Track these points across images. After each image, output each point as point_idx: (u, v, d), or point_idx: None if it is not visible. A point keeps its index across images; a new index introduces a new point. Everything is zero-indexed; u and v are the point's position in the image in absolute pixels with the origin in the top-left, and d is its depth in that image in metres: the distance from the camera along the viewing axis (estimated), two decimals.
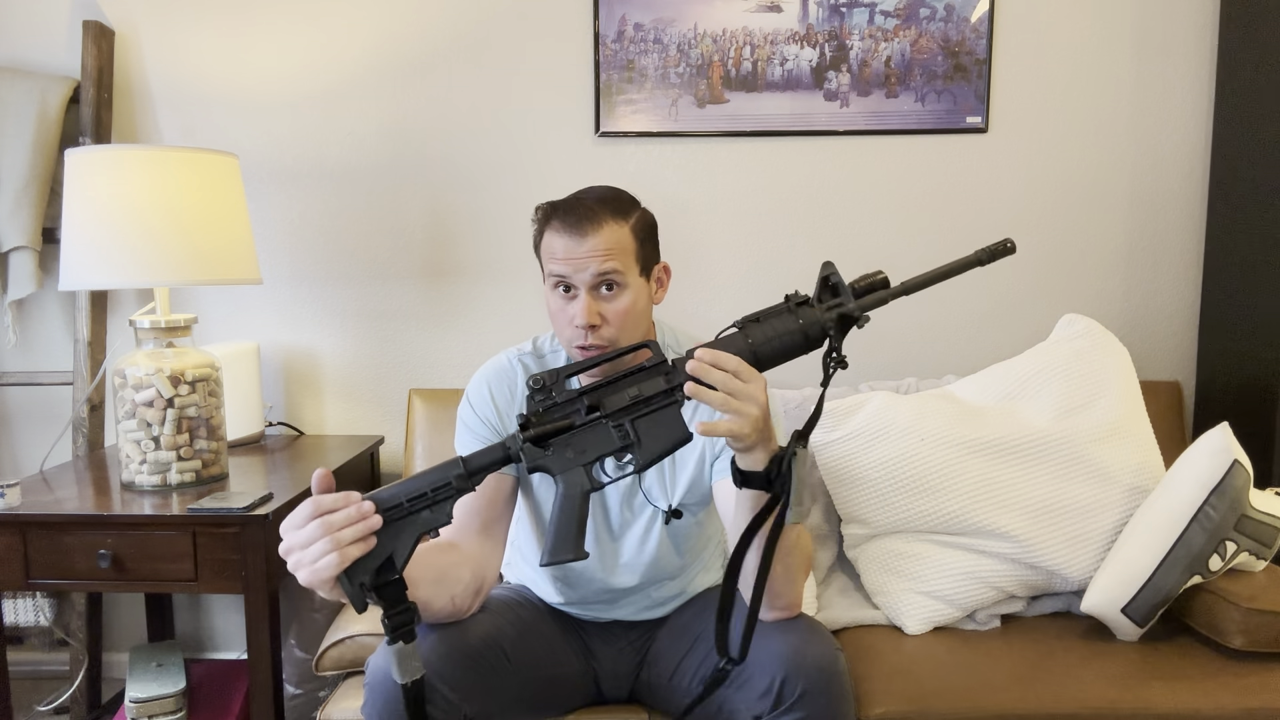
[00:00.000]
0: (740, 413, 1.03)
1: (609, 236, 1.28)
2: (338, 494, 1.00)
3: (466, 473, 1.06)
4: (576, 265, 1.27)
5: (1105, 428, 1.79)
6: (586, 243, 1.27)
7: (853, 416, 1.84)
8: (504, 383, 1.40)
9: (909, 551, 1.79)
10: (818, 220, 2.21)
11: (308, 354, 2.29)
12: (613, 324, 1.29)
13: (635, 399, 1.09)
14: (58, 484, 1.83)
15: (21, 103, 2.08)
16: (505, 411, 1.40)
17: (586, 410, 1.09)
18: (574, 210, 1.29)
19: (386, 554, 1.02)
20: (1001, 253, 1.07)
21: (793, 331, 1.08)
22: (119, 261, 1.69)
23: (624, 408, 1.09)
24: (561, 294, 1.30)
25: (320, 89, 2.21)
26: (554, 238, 1.29)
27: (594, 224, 1.27)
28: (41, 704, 2.22)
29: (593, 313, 1.27)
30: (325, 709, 1.53)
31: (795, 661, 1.23)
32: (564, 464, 1.08)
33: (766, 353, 1.08)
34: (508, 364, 1.42)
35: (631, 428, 1.08)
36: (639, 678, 1.47)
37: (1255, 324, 1.97)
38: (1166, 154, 2.18)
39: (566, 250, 1.27)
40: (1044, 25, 2.15)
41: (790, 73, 2.16)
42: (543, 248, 1.33)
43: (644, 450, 1.08)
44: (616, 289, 1.29)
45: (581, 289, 1.28)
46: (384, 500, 1.03)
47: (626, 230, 1.30)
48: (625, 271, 1.29)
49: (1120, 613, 1.66)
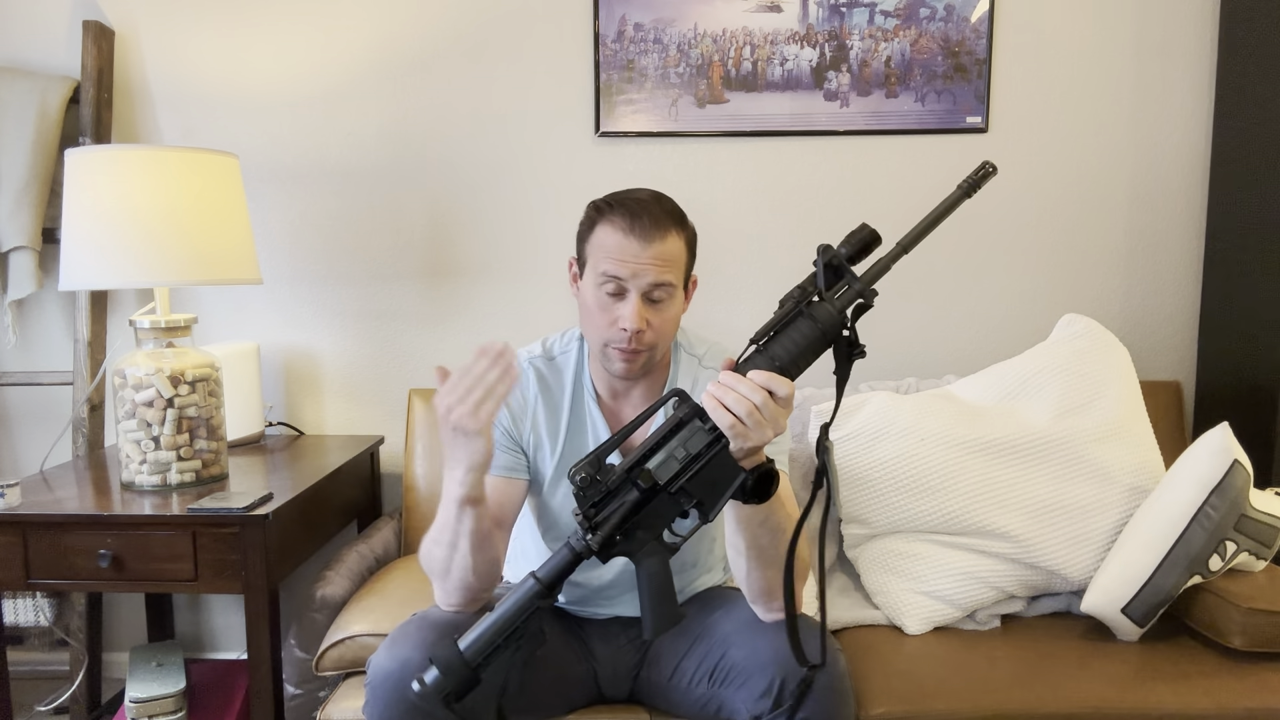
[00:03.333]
0: (746, 437, 1.06)
1: (671, 248, 1.29)
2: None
3: (544, 589, 1.07)
4: (636, 270, 1.27)
5: (1105, 428, 1.79)
6: (650, 249, 1.27)
7: (853, 416, 1.84)
8: (516, 387, 1.40)
9: (909, 551, 1.79)
10: (818, 220, 2.21)
11: (308, 354, 2.29)
12: (656, 331, 1.30)
13: (685, 459, 1.08)
14: (58, 484, 1.83)
15: (21, 103, 2.08)
16: (518, 414, 1.41)
17: (641, 489, 1.08)
18: (642, 214, 1.28)
19: (498, 690, 1.09)
20: (983, 178, 1.05)
21: (813, 338, 1.08)
22: (119, 261, 1.69)
23: (677, 473, 1.08)
24: (608, 293, 1.29)
25: (320, 89, 2.21)
26: (613, 235, 1.28)
27: (660, 233, 1.28)
28: (41, 704, 2.22)
29: (642, 318, 1.27)
30: (325, 709, 1.53)
31: (791, 662, 1.22)
32: (639, 544, 1.09)
33: (791, 364, 1.08)
34: (520, 368, 1.42)
35: (689, 487, 1.08)
36: (639, 677, 1.47)
37: (1255, 324, 1.97)
38: (1166, 154, 2.18)
39: (628, 252, 1.27)
40: (1044, 25, 2.15)
41: (790, 73, 2.16)
42: (594, 242, 1.31)
43: (708, 505, 1.09)
44: (665, 300, 1.30)
45: (634, 293, 1.27)
46: (481, 649, 1.04)
47: (682, 243, 1.32)
48: (676, 285, 1.31)
49: (1120, 613, 1.66)
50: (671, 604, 1.10)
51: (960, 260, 2.22)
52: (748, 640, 1.32)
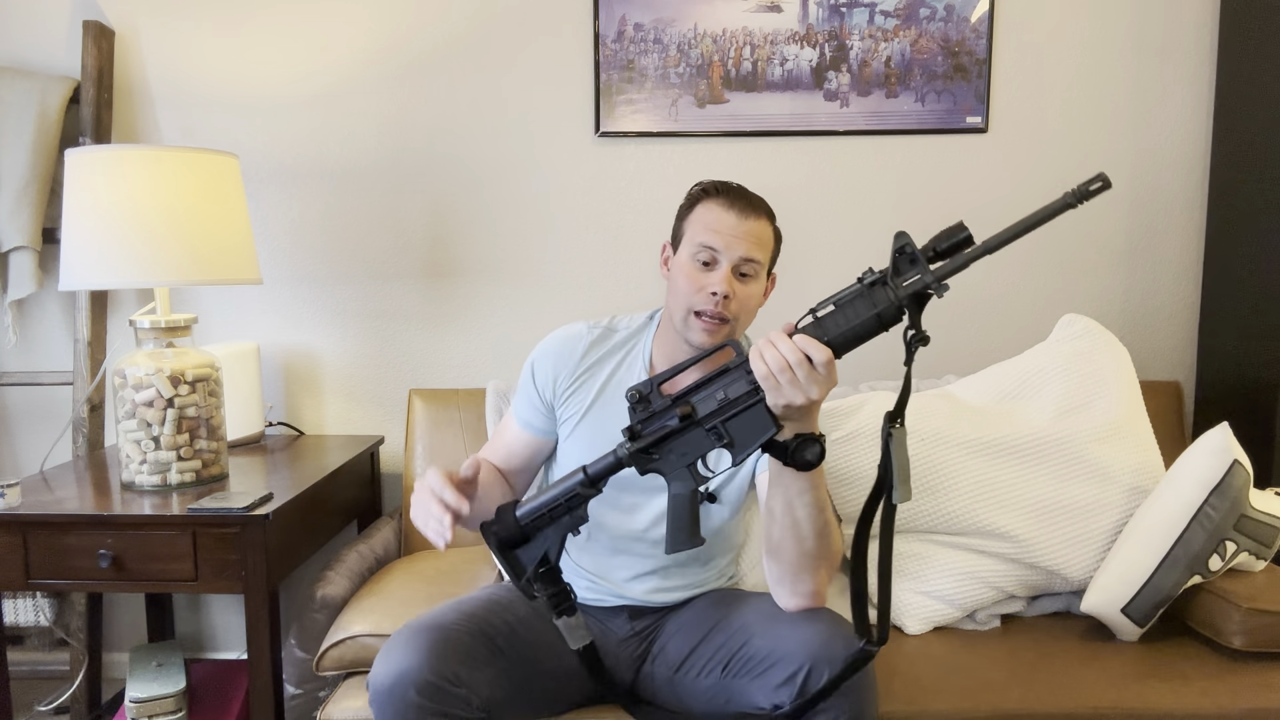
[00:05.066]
0: (780, 392, 1.11)
1: (763, 228, 1.40)
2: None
3: (589, 480, 1.19)
4: (730, 242, 1.36)
5: (1105, 428, 1.79)
6: (746, 224, 1.37)
7: (853, 416, 1.84)
8: (567, 346, 1.50)
9: (909, 551, 1.79)
10: (818, 220, 2.21)
11: (308, 354, 2.29)
12: (740, 303, 1.38)
13: (723, 402, 1.16)
14: (58, 484, 1.83)
15: (21, 103, 2.08)
16: (560, 371, 1.49)
17: (681, 417, 1.17)
18: (742, 195, 1.41)
19: (541, 552, 1.20)
20: (1095, 190, 1.00)
21: (866, 318, 1.10)
22: (119, 261, 1.69)
23: (714, 411, 1.17)
24: (700, 264, 1.38)
25: (320, 89, 2.21)
26: (714, 210, 1.39)
27: (756, 212, 1.39)
28: (41, 704, 2.22)
29: (731, 285, 1.36)
30: (325, 709, 1.53)
31: (822, 652, 1.25)
32: (671, 465, 1.18)
33: (841, 341, 1.12)
34: (576, 332, 1.51)
35: (724, 428, 1.16)
36: (641, 670, 1.47)
37: (1255, 324, 1.97)
38: (1166, 154, 2.18)
39: (726, 225, 1.37)
40: (1044, 25, 2.15)
41: (790, 73, 2.16)
42: (694, 218, 1.41)
43: (738, 447, 1.16)
44: (751, 278, 1.39)
45: (725, 263, 1.37)
46: (530, 513, 1.20)
47: (771, 231, 1.43)
48: (762, 264, 1.40)
49: (1120, 613, 1.66)
50: (692, 528, 1.18)
51: None
52: (771, 630, 1.33)
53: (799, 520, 1.27)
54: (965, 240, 1.08)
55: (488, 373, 2.26)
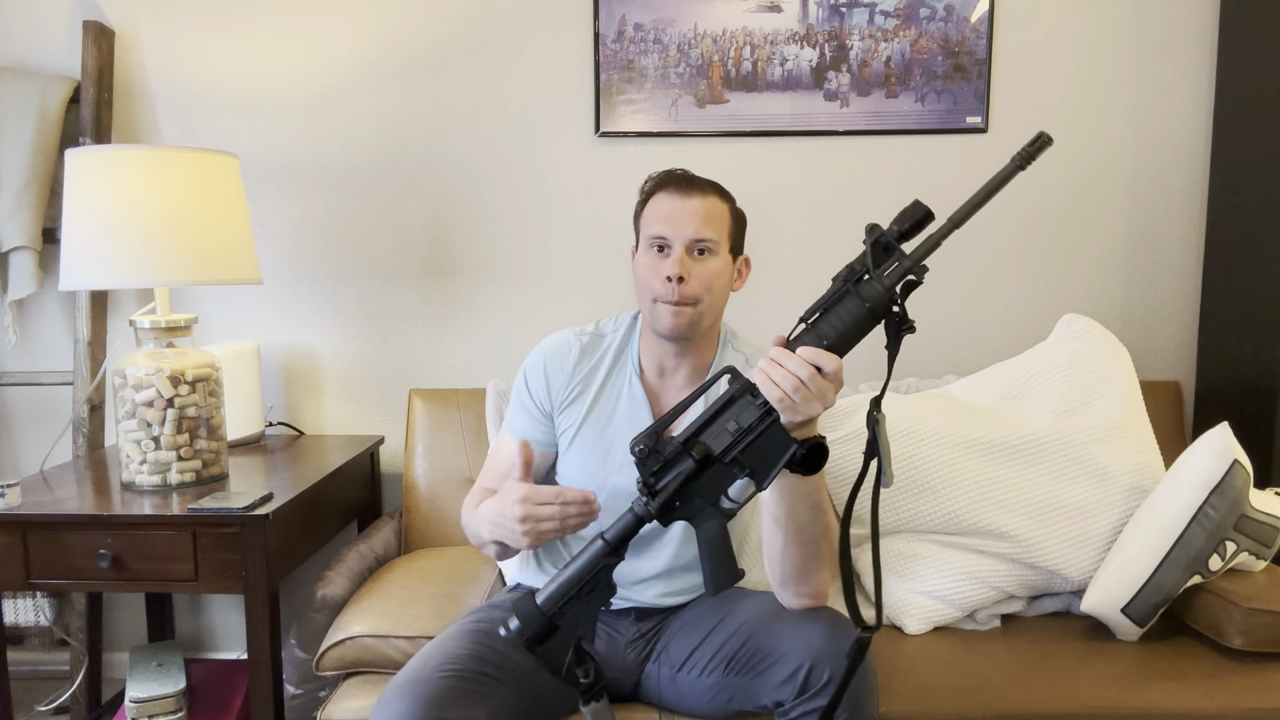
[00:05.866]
0: (794, 410, 1.10)
1: (710, 204, 1.39)
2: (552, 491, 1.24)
3: (611, 548, 1.14)
4: (677, 225, 1.37)
5: (1105, 428, 1.79)
6: (689, 203, 1.38)
7: (853, 416, 1.84)
8: (558, 358, 1.50)
9: (909, 551, 1.79)
10: (818, 220, 2.21)
11: (308, 354, 2.29)
12: (699, 282, 1.37)
13: (736, 431, 1.13)
14: (58, 484, 1.83)
15: (21, 103, 2.08)
16: (554, 382, 1.49)
17: (697, 459, 1.13)
18: (684, 178, 1.42)
19: (575, 638, 1.14)
20: (1039, 149, 1.01)
21: (859, 315, 1.10)
22: (119, 261, 1.69)
23: (730, 444, 1.13)
24: (655, 254, 1.39)
25: (320, 89, 2.21)
26: (660, 200, 1.40)
27: (700, 191, 1.39)
28: (41, 704, 2.22)
29: (684, 267, 1.35)
30: (325, 709, 1.53)
31: (825, 649, 1.25)
32: (696, 509, 1.15)
33: (839, 342, 1.12)
34: (564, 342, 1.51)
35: (743, 459, 1.13)
36: (645, 669, 1.47)
37: (1255, 324, 1.97)
38: (1166, 154, 2.18)
39: (670, 210, 1.38)
40: (1044, 25, 2.15)
41: (790, 73, 2.16)
42: (645, 214, 1.43)
43: (760, 472, 1.14)
44: (708, 255, 1.38)
45: (677, 246, 1.37)
46: (553, 599, 1.13)
47: (725, 208, 1.42)
48: (719, 242, 1.39)
49: (1120, 613, 1.66)
50: (731, 563, 1.16)
51: (960, 260, 2.22)
52: (774, 628, 1.33)
53: (802, 525, 1.27)
54: (926, 216, 1.07)
55: (488, 373, 2.26)
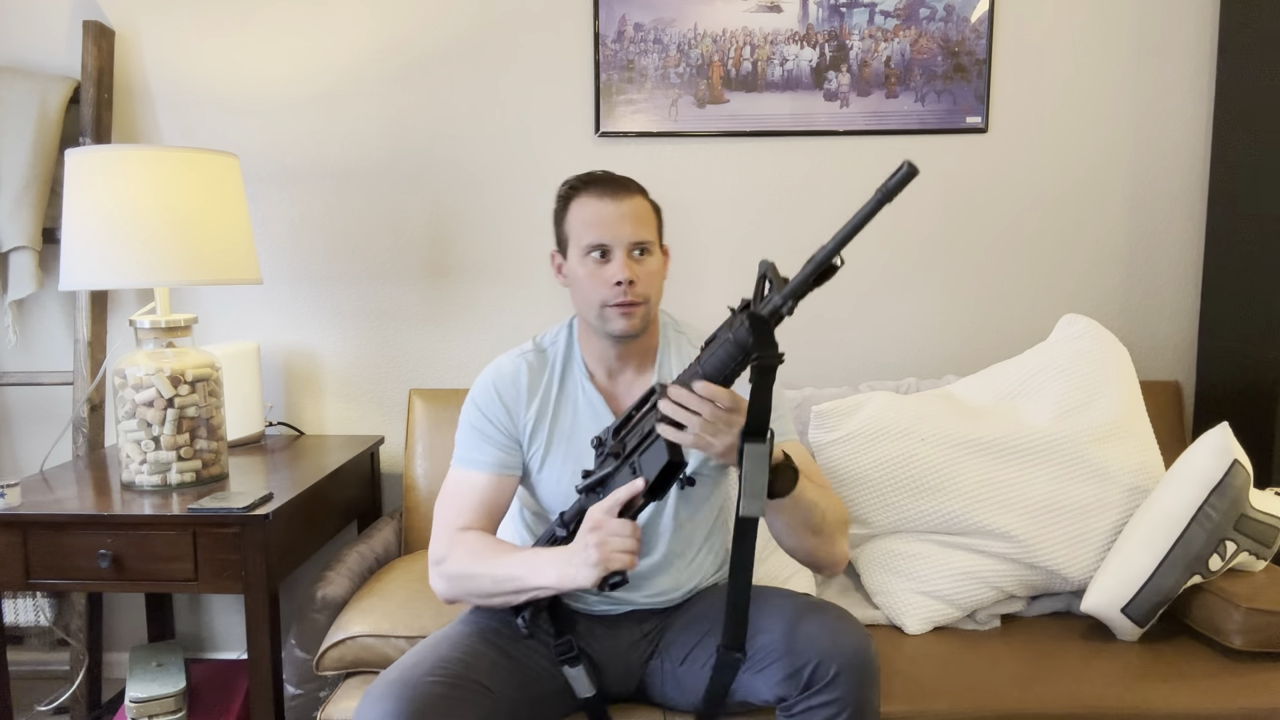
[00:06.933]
0: (710, 447, 1.19)
1: (640, 206, 1.40)
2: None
3: (563, 524, 1.34)
4: (616, 230, 1.36)
5: (1105, 428, 1.79)
6: (623, 206, 1.37)
7: (853, 416, 1.84)
8: (510, 385, 1.46)
9: (909, 551, 1.79)
10: (818, 220, 2.21)
11: (308, 354, 2.29)
12: (645, 283, 1.38)
13: (643, 436, 1.24)
14: (58, 484, 1.83)
15: (21, 103, 2.08)
16: (514, 411, 1.46)
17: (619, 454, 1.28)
18: (608, 181, 1.40)
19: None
20: (902, 181, 1.03)
21: (728, 345, 1.16)
22: (119, 261, 1.69)
23: (634, 446, 1.25)
24: (595, 260, 1.38)
25: (320, 89, 2.21)
26: (590, 205, 1.38)
27: (628, 192, 1.40)
28: (41, 704, 2.22)
29: (632, 269, 1.36)
30: (325, 709, 1.53)
31: (831, 647, 1.26)
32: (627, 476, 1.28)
33: (718, 375, 1.17)
34: (512, 367, 1.48)
35: (639, 463, 1.23)
36: (649, 667, 1.47)
37: (1255, 324, 1.97)
38: (1166, 154, 2.18)
39: (604, 215, 1.37)
40: (1044, 25, 2.15)
41: (790, 73, 2.16)
42: (572, 220, 1.40)
43: (648, 481, 1.23)
44: (646, 254, 1.39)
45: (618, 249, 1.37)
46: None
47: (649, 206, 1.43)
48: (654, 240, 1.41)
49: (1120, 613, 1.66)
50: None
51: (960, 260, 2.22)
52: (777, 625, 1.33)
53: (806, 520, 1.30)
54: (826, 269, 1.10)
55: None
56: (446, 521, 1.42)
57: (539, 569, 1.29)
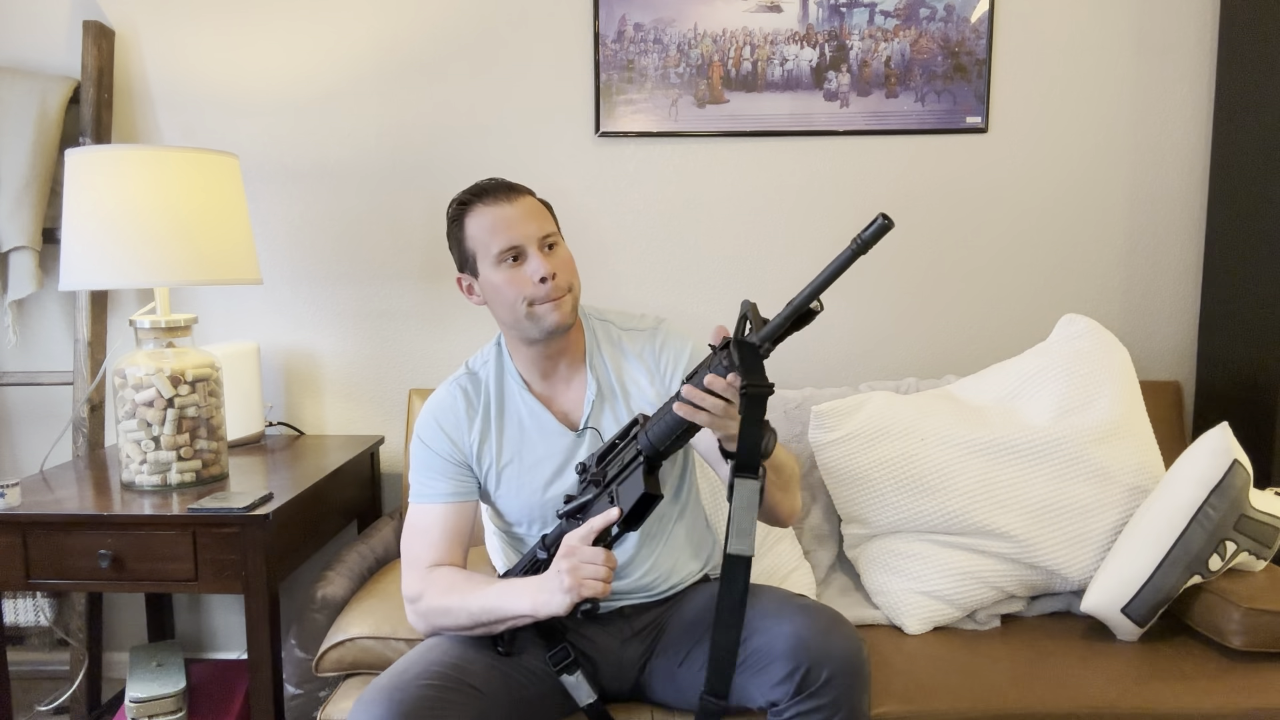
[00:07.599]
0: (726, 429, 1.20)
1: (533, 203, 1.42)
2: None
3: (544, 547, 1.37)
4: (523, 230, 1.37)
5: (1105, 428, 1.79)
6: (520, 206, 1.39)
7: (853, 416, 1.84)
8: (449, 414, 1.48)
9: (909, 551, 1.79)
10: (818, 220, 2.21)
11: (308, 354, 2.29)
12: (565, 272, 1.40)
13: (623, 465, 1.27)
14: (58, 484, 1.83)
15: (21, 103, 2.08)
16: (457, 438, 1.47)
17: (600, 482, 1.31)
18: (497, 187, 1.41)
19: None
20: (878, 234, 1.04)
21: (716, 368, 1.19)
22: (119, 261, 1.69)
23: (614, 475, 1.28)
24: (509, 265, 1.38)
25: (320, 89, 2.21)
26: (487, 214, 1.39)
27: (518, 193, 1.41)
28: (41, 704, 2.22)
29: (549, 263, 1.37)
30: (325, 709, 1.53)
31: (821, 650, 1.26)
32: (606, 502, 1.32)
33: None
34: (448, 395, 1.49)
35: (617, 492, 1.26)
36: (646, 666, 1.47)
37: (1255, 324, 1.97)
38: (1166, 154, 2.18)
39: (507, 218, 1.38)
40: (1044, 25, 2.15)
41: (790, 73, 2.16)
42: (473, 233, 1.40)
43: (624, 511, 1.25)
44: (556, 246, 1.42)
45: (530, 247, 1.37)
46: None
47: (539, 201, 1.45)
48: (556, 231, 1.43)
49: (1120, 613, 1.66)
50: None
51: (960, 260, 2.22)
52: (770, 627, 1.33)
53: (773, 483, 1.35)
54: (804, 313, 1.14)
55: None
56: (415, 557, 1.43)
57: (513, 598, 1.31)
